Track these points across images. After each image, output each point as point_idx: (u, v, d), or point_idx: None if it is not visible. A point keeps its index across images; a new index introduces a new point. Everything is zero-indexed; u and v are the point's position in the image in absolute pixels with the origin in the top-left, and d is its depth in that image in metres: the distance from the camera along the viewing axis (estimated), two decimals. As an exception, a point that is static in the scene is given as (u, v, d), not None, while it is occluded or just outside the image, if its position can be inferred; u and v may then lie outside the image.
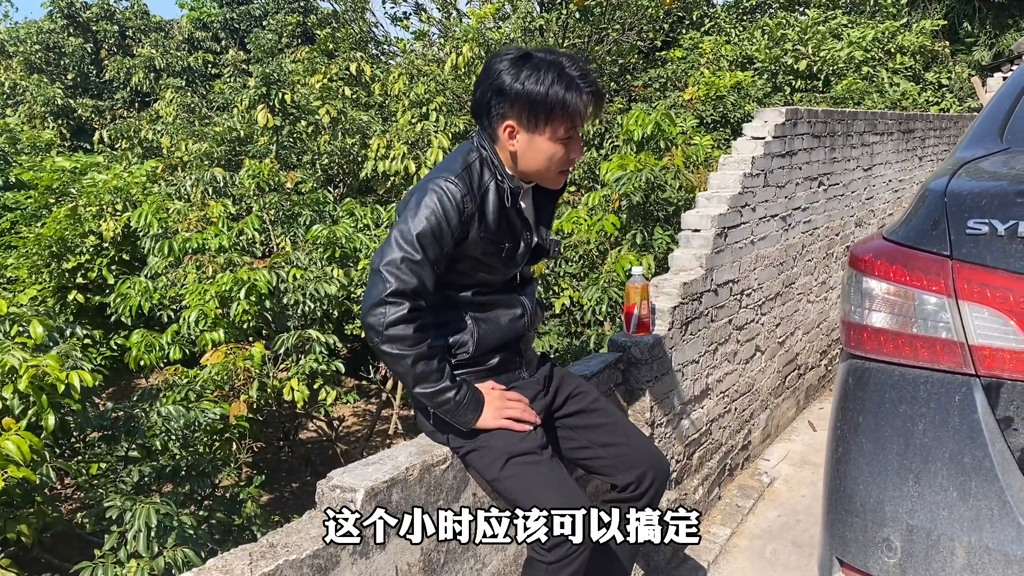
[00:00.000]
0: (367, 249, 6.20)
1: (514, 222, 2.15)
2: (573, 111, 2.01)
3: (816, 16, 11.98)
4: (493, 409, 2.11)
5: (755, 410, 4.50)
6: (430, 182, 2.02)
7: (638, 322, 3.20)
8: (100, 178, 7.55)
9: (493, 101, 2.06)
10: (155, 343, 5.62)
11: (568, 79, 2.01)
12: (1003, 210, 1.59)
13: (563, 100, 1.99)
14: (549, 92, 1.99)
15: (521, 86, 2.01)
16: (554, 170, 2.12)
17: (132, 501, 3.47)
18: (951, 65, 13.47)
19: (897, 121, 6.33)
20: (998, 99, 2.21)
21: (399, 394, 6.42)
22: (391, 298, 1.93)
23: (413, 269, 1.95)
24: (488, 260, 2.11)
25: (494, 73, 2.05)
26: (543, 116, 2.01)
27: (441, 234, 1.98)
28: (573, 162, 2.13)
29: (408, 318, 1.94)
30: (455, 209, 1.99)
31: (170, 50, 18.44)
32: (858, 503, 1.73)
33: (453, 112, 8.84)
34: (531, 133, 2.04)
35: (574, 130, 2.06)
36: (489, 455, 2.12)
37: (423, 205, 1.98)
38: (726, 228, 3.90)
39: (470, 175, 2.05)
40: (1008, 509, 1.53)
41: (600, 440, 2.34)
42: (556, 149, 2.06)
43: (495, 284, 2.19)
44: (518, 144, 2.07)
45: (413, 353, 1.97)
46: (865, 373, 1.80)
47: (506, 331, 2.21)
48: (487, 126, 2.10)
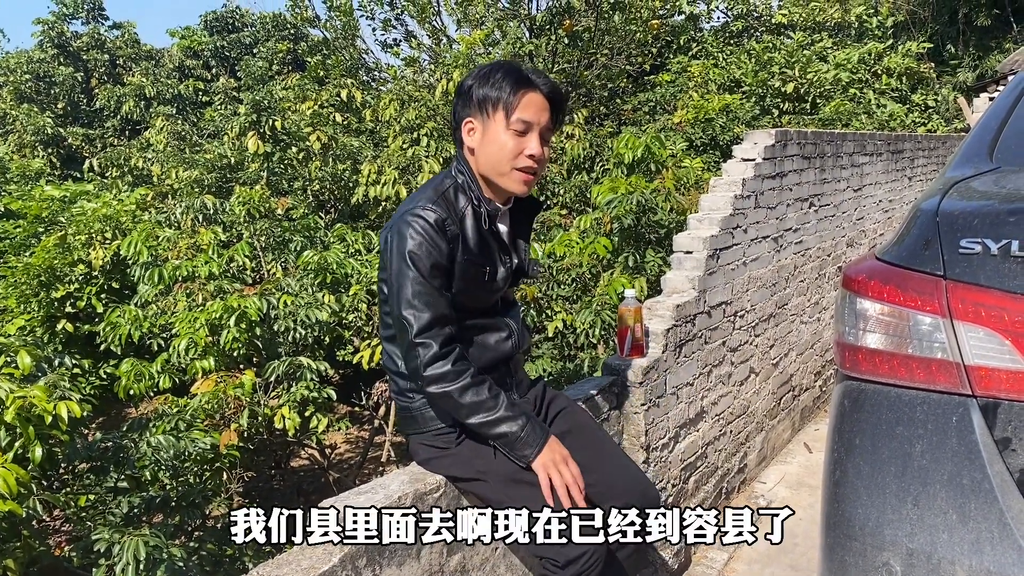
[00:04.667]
0: (358, 275, 6.18)
1: (492, 246, 2.15)
2: (523, 97, 2.04)
3: (801, 39, 12.09)
4: (553, 454, 2.06)
5: (750, 432, 4.47)
6: (406, 214, 2.01)
7: (632, 345, 3.19)
8: (89, 206, 7.52)
9: (458, 105, 2.12)
10: (145, 372, 5.56)
11: (521, 73, 2.08)
12: (996, 229, 1.58)
13: (513, 86, 2.04)
14: (503, 81, 2.04)
15: (478, 83, 2.07)
16: (508, 164, 2.07)
17: (120, 533, 3.41)
18: (937, 86, 13.61)
19: (886, 142, 6.37)
20: (987, 118, 2.22)
21: (391, 421, 6.37)
22: (418, 339, 1.95)
23: (426, 301, 1.96)
24: (470, 285, 2.10)
25: (461, 83, 2.14)
26: (491, 103, 2.05)
27: (436, 257, 1.98)
28: (532, 160, 2.08)
29: (441, 354, 1.96)
30: (438, 231, 1.99)
31: (160, 78, 18.50)
32: (857, 526, 1.71)
33: (444, 137, 8.86)
34: (484, 122, 2.07)
35: (529, 124, 2.06)
36: (494, 479, 2.10)
37: (406, 237, 1.97)
38: (718, 250, 3.90)
39: (446, 201, 2.06)
40: (1008, 531, 1.51)
41: (590, 464, 2.31)
42: (508, 139, 2.05)
43: (478, 309, 2.18)
44: (475, 139, 2.09)
45: (457, 387, 1.97)
46: (861, 394, 1.78)
47: (494, 352, 2.20)
48: (457, 137, 2.14)
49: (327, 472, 6.72)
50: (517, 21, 11.30)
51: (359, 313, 5.95)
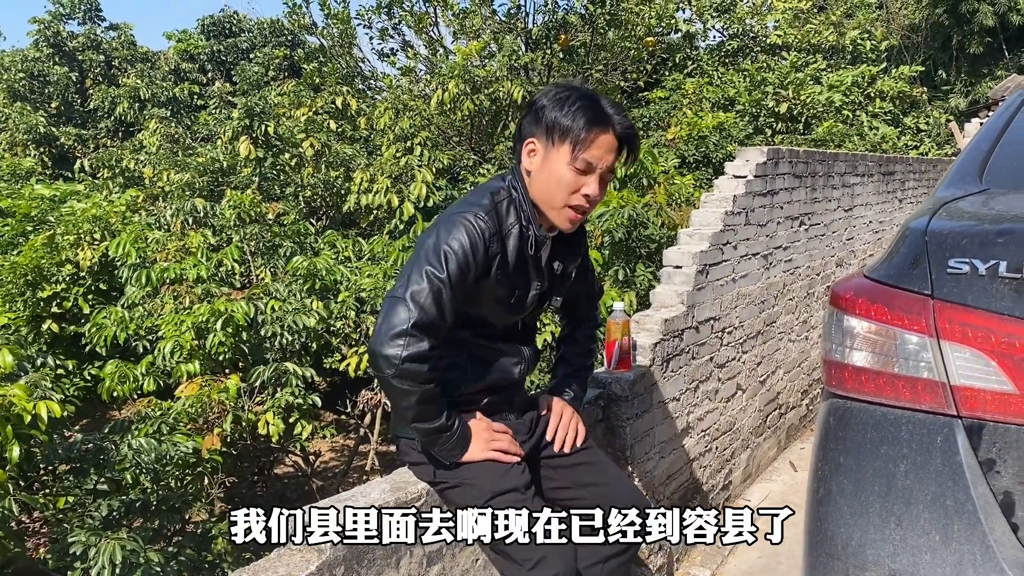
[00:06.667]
0: (348, 281, 6.16)
1: (528, 269, 2.08)
2: (594, 138, 1.96)
3: (795, 60, 12.17)
4: (481, 442, 2.07)
5: (736, 449, 4.46)
6: (457, 215, 1.95)
7: (619, 358, 3.18)
8: (79, 207, 7.48)
9: (526, 121, 2.05)
10: (129, 374, 5.52)
11: (599, 109, 1.98)
12: (984, 250, 1.58)
13: (588, 124, 1.95)
14: (576, 112, 1.96)
15: (551, 102, 1.99)
16: (561, 199, 2.01)
17: (97, 536, 3.37)
18: (929, 110, 13.72)
19: (877, 163, 6.40)
20: (977, 141, 2.22)
21: (377, 430, 6.33)
22: (414, 331, 1.85)
23: (439, 301, 1.89)
24: (495, 304, 2.06)
25: (535, 99, 2.05)
26: (560, 132, 1.96)
27: (467, 268, 1.92)
28: (587, 200, 2.02)
29: (426, 355, 1.88)
30: (483, 244, 1.93)
31: (156, 80, 18.46)
32: (839, 546, 1.69)
33: (438, 147, 8.87)
34: (547, 149, 1.99)
35: (593, 164, 1.98)
36: (472, 492, 2.07)
37: (452, 237, 1.91)
38: (708, 265, 3.90)
39: (497, 215, 1.99)
40: (991, 553, 1.50)
41: (582, 480, 2.30)
42: (568, 174, 1.98)
43: (496, 327, 2.14)
44: (534, 163, 2.02)
45: (421, 391, 1.91)
46: (846, 413, 1.77)
47: (500, 376, 2.17)
48: (518, 150, 2.08)
49: (311, 480, 6.68)
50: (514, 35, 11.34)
51: (347, 320, 5.93)
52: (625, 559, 2.29)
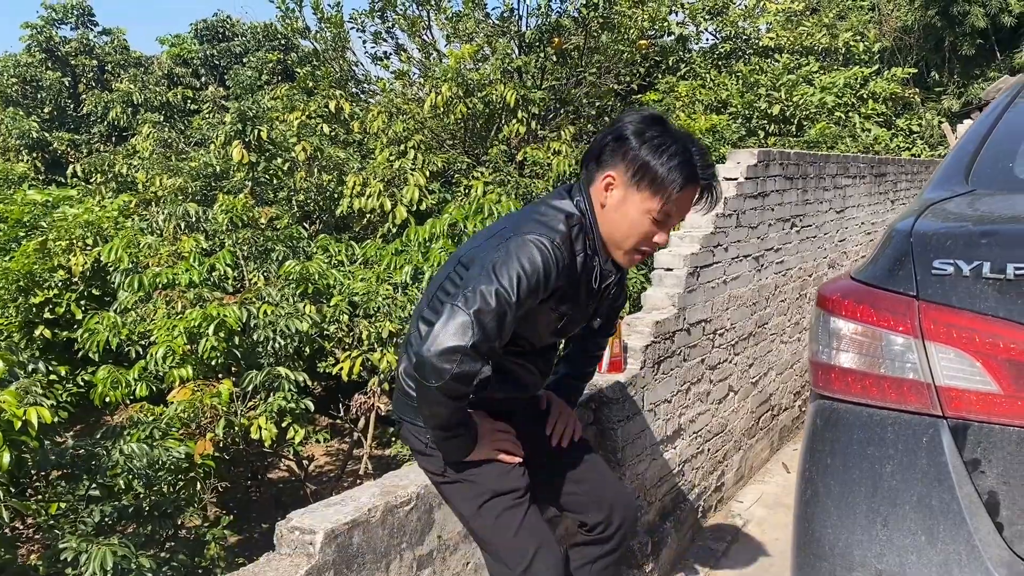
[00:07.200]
0: (340, 285, 6.15)
1: (582, 298, 2.04)
2: (676, 192, 1.91)
3: (788, 62, 12.19)
4: (485, 441, 2.06)
5: (728, 451, 4.47)
6: (535, 238, 1.88)
7: (610, 360, 3.18)
8: (71, 212, 7.46)
9: (609, 146, 1.96)
10: (121, 379, 5.50)
11: (690, 161, 1.92)
12: (968, 251, 1.59)
13: (684, 182, 1.90)
14: (674, 168, 1.89)
15: (642, 141, 1.91)
16: (631, 243, 1.98)
17: (88, 542, 3.36)
18: (922, 112, 13.75)
19: (869, 165, 6.42)
20: (964, 142, 2.23)
21: (370, 434, 6.33)
22: (472, 351, 1.80)
23: (502, 324, 1.84)
24: (543, 326, 2.04)
25: (621, 123, 1.97)
26: (650, 180, 1.90)
27: (536, 294, 1.88)
28: (655, 247, 2.01)
29: (474, 376, 1.83)
30: (555, 273, 1.88)
31: (149, 85, 18.41)
32: (826, 547, 1.70)
33: (431, 150, 8.86)
34: (629, 190, 1.93)
35: (669, 214, 1.94)
36: (472, 490, 2.07)
37: (528, 259, 1.85)
38: (698, 267, 3.90)
39: (570, 243, 1.93)
40: (976, 553, 1.51)
41: (575, 476, 2.31)
42: (644, 222, 1.94)
43: (533, 346, 2.11)
44: (611, 198, 1.96)
45: (456, 406, 1.89)
46: (833, 414, 1.78)
47: (519, 389, 2.18)
48: (592, 170, 2.00)
49: (305, 484, 6.66)
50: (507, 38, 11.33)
51: (340, 324, 5.92)
52: (613, 560, 2.30)
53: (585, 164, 2.04)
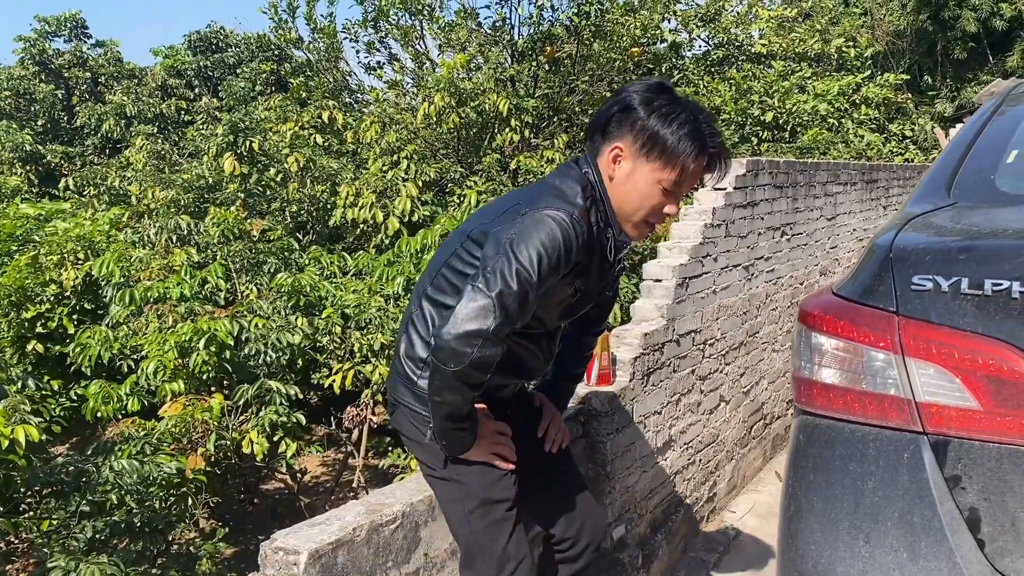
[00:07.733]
0: (332, 297, 6.13)
1: (594, 273, 1.99)
2: (689, 161, 1.87)
3: (781, 68, 12.22)
4: (484, 442, 2.02)
5: (720, 461, 4.46)
6: (554, 211, 1.83)
7: (599, 373, 3.17)
8: (62, 226, 7.45)
9: (615, 117, 1.91)
10: (113, 394, 5.49)
11: (698, 129, 1.87)
12: (946, 267, 1.58)
13: (686, 145, 1.85)
14: (678, 129, 1.85)
15: (650, 111, 1.87)
16: (641, 215, 1.95)
17: (76, 560, 3.34)
18: (914, 117, 13.79)
19: (860, 171, 6.43)
20: (946, 154, 2.24)
21: (363, 446, 6.31)
22: (492, 336, 1.75)
23: (523, 305, 1.79)
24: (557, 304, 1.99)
25: (626, 92, 1.92)
26: (660, 150, 1.86)
27: (557, 271, 1.83)
28: (664, 217, 1.98)
29: (492, 362, 1.79)
30: (575, 249, 1.84)
31: (142, 97, 18.43)
32: (810, 564, 1.70)
33: (424, 160, 8.86)
34: (638, 161, 1.89)
35: (679, 184, 1.91)
36: (462, 491, 2.05)
37: (548, 236, 1.79)
38: (687, 278, 3.90)
39: (587, 219, 1.88)
40: (958, 570, 1.50)
41: (552, 487, 2.31)
42: (654, 193, 1.90)
43: (545, 326, 2.06)
44: (619, 170, 1.92)
45: (470, 395, 1.85)
46: (816, 430, 1.78)
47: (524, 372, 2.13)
48: (598, 142, 1.95)
49: (298, 497, 6.64)
50: (500, 47, 11.35)
51: (332, 336, 5.90)
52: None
53: (590, 136, 1.99)
